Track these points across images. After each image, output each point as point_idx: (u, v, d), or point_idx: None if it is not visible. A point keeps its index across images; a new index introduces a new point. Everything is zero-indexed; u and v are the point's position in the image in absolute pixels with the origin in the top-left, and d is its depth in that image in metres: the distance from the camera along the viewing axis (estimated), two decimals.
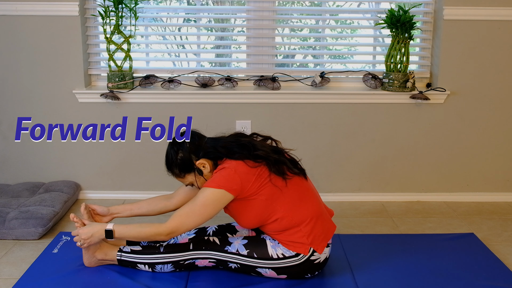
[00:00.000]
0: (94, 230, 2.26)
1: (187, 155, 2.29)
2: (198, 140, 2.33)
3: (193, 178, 2.32)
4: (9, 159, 3.41)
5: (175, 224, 2.19)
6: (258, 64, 3.42)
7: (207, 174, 2.30)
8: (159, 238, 2.22)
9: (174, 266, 2.32)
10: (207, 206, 2.19)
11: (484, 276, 2.38)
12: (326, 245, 2.28)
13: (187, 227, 2.21)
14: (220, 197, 2.19)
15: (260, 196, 2.21)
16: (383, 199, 3.42)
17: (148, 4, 3.51)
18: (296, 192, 2.26)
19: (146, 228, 2.24)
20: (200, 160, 2.28)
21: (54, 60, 3.28)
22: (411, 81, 3.26)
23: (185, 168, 2.30)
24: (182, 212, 2.22)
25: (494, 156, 3.41)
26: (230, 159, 2.24)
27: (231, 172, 2.19)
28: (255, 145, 2.29)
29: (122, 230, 2.25)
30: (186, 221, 2.19)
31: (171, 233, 2.20)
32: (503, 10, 3.21)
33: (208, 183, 2.22)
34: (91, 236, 2.25)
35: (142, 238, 2.27)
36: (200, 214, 2.19)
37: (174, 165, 2.31)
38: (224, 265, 2.31)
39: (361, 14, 3.82)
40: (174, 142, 2.33)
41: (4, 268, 2.50)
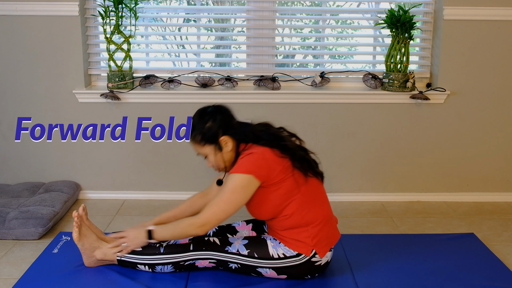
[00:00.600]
0: (138, 233, 2.30)
1: (215, 127, 2.25)
2: (229, 118, 2.30)
3: (211, 152, 2.28)
4: (9, 159, 3.41)
5: (207, 215, 2.18)
6: (258, 64, 3.42)
7: (226, 153, 2.27)
8: (194, 231, 2.20)
9: (174, 267, 2.32)
10: (236, 192, 2.16)
11: (484, 276, 2.38)
12: (329, 250, 2.29)
13: (219, 217, 2.18)
14: (249, 182, 2.16)
15: (280, 189, 2.20)
16: (383, 199, 3.42)
17: (148, 4, 3.51)
18: (311, 193, 2.27)
19: (180, 223, 2.25)
20: (224, 137, 2.25)
21: (54, 60, 3.28)
22: (411, 81, 3.26)
23: (208, 138, 2.26)
24: (212, 202, 2.20)
25: (494, 156, 3.41)
26: (256, 145, 2.23)
27: (260, 157, 2.18)
28: (283, 137, 2.29)
29: (160, 229, 2.28)
30: (216, 210, 2.18)
31: (204, 225, 2.18)
32: (503, 10, 3.21)
33: (235, 168, 2.19)
34: (136, 238, 2.29)
35: (178, 233, 2.25)
36: (230, 202, 2.17)
37: (199, 132, 2.27)
38: (225, 266, 2.31)
39: (361, 14, 3.82)
40: (206, 111, 2.30)
41: (4, 268, 2.50)
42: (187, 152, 3.38)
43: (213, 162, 2.30)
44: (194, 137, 2.29)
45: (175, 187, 3.44)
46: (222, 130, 2.26)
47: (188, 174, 3.42)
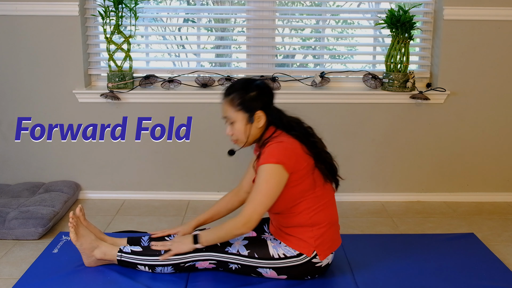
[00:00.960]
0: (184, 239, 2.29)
1: (257, 99, 2.21)
2: (271, 98, 2.28)
3: (242, 120, 2.22)
4: (9, 159, 3.41)
5: (248, 212, 2.15)
6: (258, 64, 3.42)
7: (255, 128, 2.23)
8: (239, 231, 2.16)
9: (174, 268, 2.31)
10: (270, 182, 2.13)
11: (484, 276, 2.38)
12: (330, 253, 2.29)
13: (259, 211, 2.14)
14: (280, 172, 2.13)
15: (298, 185, 2.18)
16: (383, 199, 3.42)
17: (148, 4, 3.52)
18: (324, 196, 2.26)
19: (224, 226, 2.21)
20: (261, 112, 2.21)
21: (54, 60, 3.28)
22: (411, 81, 3.26)
23: (245, 106, 2.21)
24: (250, 199, 2.17)
25: (494, 156, 3.41)
26: (286, 134, 2.21)
27: (289, 148, 2.16)
28: (313, 134, 2.28)
29: (205, 233, 2.26)
30: (255, 205, 2.14)
31: (247, 223, 2.13)
32: (503, 10, 3.21)
33: (265, 158, 2.14)
34: (181, 242, 2.28)
35: (223, 235, 2.21)
36: (267, 194, 2.13)
37: (239, 96, 2.21)
38: (225, 267, 2.30)
39: (361, 14, 3.82)
40: (254, 81, 2.27)
41: (4, 268, 2.50)
42: (187, 152, 3.38)
43: (237, 131, 2.24)
44: (232, 99, 2.23)
45: (175, 187, 3.44)
46: (261, 106, 2.22)
47: (188, 174, 3.42)
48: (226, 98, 2.26)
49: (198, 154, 3.39)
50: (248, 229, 2.15)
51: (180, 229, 2.48)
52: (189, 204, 3.34)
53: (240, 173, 3.39)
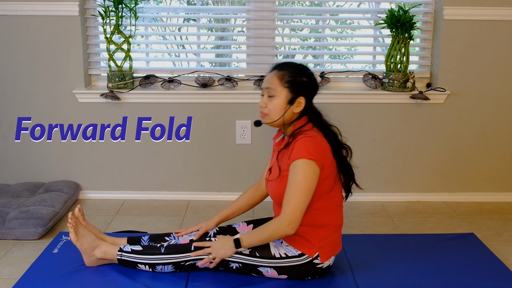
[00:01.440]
0: (225, 244, 2.23)
1: (305, 86, 2.21)
2: (315, 92, 2.28)
3: (283, 98, 2.19)
4: (9, 159, 3.41)
5: (290, 211, 2.11)
6: (258, 64, 3.42)
7: (290, 111, 2.21)
8: (283, 232, 2.13)
9: (174, 267, 2.31)
10: (307, 177, 2.10)
11: (484, 276, 2.38)
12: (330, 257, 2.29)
13: (302, 208, 2.12)
14: (315, 168, 2.13)
15: (319, 185, 2.17)
16: (383, 199, 3.42)
17: (148, 4, 3.52)
18: (336, 200, 2.27)
19: (267, 228, 2.18)
20: (303, 99, 2.21)
21: (54, 60, 3.28)
22: (411, 81, 3.26)
23: (294, 86, 2.20)
24: (289, 196, 2.13)
25: (494, 156, 3.41)
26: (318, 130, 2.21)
27: (321, 145, 2.16)
28: (341, 141, 2.30)
29: (247, 236, 2.21)
30: (297, 203, 2.11)
31: (291, 222, 2.11)
32: (503, 10, 3.21)
33: (300, 153, 2.12)
34: (222, 248, 2.23)
35: (267, 237, 2.18)
36: (306, 189, 2.11)
37: (291, 75, 2.20)
38: (225, 266, 2.30)
39: (361, 14, 3.82)
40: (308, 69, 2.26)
41: (4, 268, 2.50)
42: (187, 152, 3.38)
43: (274, 106, 2.21)
44: (283, 75, 2.21)
45: (175, 187, 3.44)
46: (306, 94, 2.22)
47: (188, 174, 3.42)
48: (276, 71, 2.24)
49: (198, 154, 3.39)
50: (293, 229, 2.13)
51: (203, 225, 2.48)
52: (189, 204, 3.34)
53: (240, 173, 3.40)
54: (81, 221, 2.39)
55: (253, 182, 3.48)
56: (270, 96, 2.24)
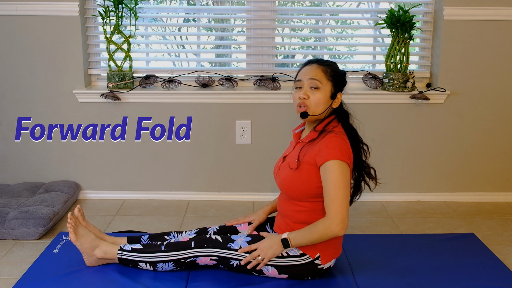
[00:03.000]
0: (273, 243, 2.20)
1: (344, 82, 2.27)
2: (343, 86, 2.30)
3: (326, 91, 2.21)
4: (9, 159, 3.41)
5: (336, 211, 2.09)
6: (258, 64, 3.42)
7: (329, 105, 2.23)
8: (333, 232, 2.11)
9: (175, 264, 2.32)
10: (344, 175, 2.12)
11: (484, 276, 2.38)
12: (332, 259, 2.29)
13: (346, 206, 2.12)
14: (347, 168, 2.15)
15: None
16: (383, 199, 3.42)
17: (148, 4, 3.52)
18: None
19: (315, 228, 2.15)
20: (341, 95, 2.26)
21: (54, 60, 3.28)
22: (411, 81, 3.26)
23: (337, 81, 2.24)
24: (331, 197, 2.11)
25: (494, 156, 3.41)
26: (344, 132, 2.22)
27: (349, 148, 2.18)
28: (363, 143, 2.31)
29: (295, 236, 2.19)
30: (341, 202, 2.10)
31: (341, 222, 2.09)
32: (503, 10, 3.21)
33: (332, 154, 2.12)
34: (270, 247, 2.20)
35: (316, 238, 2.15)
36: (346, 187, 2.12)
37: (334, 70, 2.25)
38: (226, 263, 2.30)
39: (361, 14, 3.83)
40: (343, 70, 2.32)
41: (4, 268, 2.50)
42: (187, 152, 3.38)
43: (317, 98, 2.20)
44: (327, 69, 2.23)
45: (175, 187, 3.44)
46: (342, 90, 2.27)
47: (188, 174, 3.42)
48: (320, 65, 2.25)
49: (198, 154, 3.39)
50: (343, 229, 2.11)
51: (254, 218, 2.48)
52: (189, 204, 3.34)
53: (240, 173, 3.40)
54: (81, 221, 2.40)
55: (253, 182, 3.50)
56: (313, 88, 2.22)
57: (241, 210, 3.25)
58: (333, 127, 2.23)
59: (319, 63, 2.27)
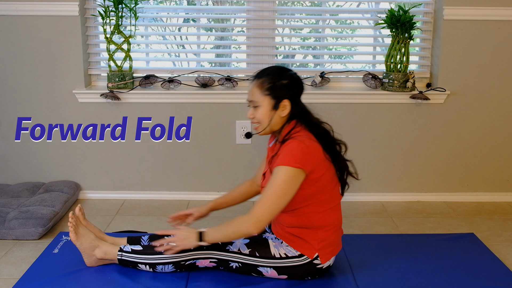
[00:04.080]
0: (188, 234, 2.20)
1: (287, 88, 2.19)
2: (300, 92, 2.26)
3: (266, 105, 2.18)
4: (9, 159, 3.41)
5: (260, 211, 2.09)
6: (258, 64, 3.41)
7: (277, 117, 2.19)
8: (248, 230, 2.10)
9: (175, 266, 2.32)
10: (288, 183, 2.08)
11: (484, 276, 2.38)
12: (330, 258, 2.29)
13: (273, 211, 2.10)
14: (298, 175, 2.10)
15: (310, 187, 2.16)
16: (383, 199, 3.42)
17: (148, 4, 3.52)
18: (333, 200, 2.26)
19: (232, 223, 2.15)
20: (287, 102, 2.19)
21: (54, 60, 3.28)
22: (411, 81, 3.26)
23: (274, 92, 2.18)
24: (264, 197, 2.11)
25: (494, 156, 3.41)
26: (309, 132, 2.19)
27: (310, 151, 2.13)
28: (337, 140, 2.28)
29: (212, 232, 2.19)
30: (269, 204, 2.09)
31: (258, 222, 2.08)
32: (503, 10, 3.21)
33: (285, 159, 2.10)
34: (185, 239, 2.19)
35: (231, 233, 2.15)
36: (283, 194, 2.09)
37: (270, 81, 2.19)
38: (225, 265, 2.30)
39: (361, 14, 3.83)
40: (288, 71, 2.24)
41: (4, 268, 2.50)
42: (187, 152, 3.38)
43: (260, 115, 2.21)
44: (262, 82, 2.20)
45: (175, 187, 3.44)
46: (289, 95, 2.19)
47: (188, 174, 3.42)
48: (256, 81, 2.22)
49: (198, 154, 3.39)
50: (258, 229, 2.10)
51: (195, 210, 2.49)
52: (189, 204, 3.34)
53: (240, 173, 3.40)
54: (82, 221, 2.40)
55: None
56: (255, 107, 2.23)
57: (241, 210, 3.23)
58: (295, 132, 2.19)
59: (257, 77, 2.23)
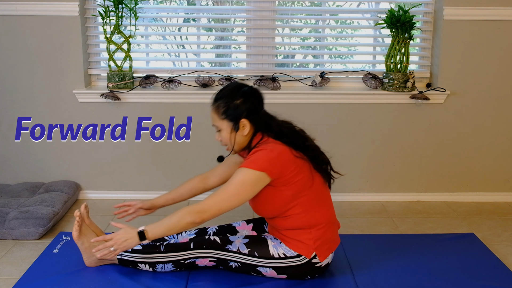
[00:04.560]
0: (128, 235, 2.17)
1: (242, 107, 2.19)
2: (260, 105, 2.25)
3: (227, 128, 2.21)
4: (9, 159, 3.41)
5: (208, 202, 2.11)
6: (258, 64, 3.42)
7: (240, 136, 2.21)
8: (191, 218, 2.10)
9: (174, 265, 2.32)
10: (245, 186, 2.10)
11: (484, 276, 2.38)
12: (329, 254, 2.28)
13: (221, 207, 2.11)
14: (260, 179, 2.11)
15: (289, 189, 2.17)
16: (383, 199, 3.42)
17: (148, 4, 3.52)
18: (320, 195, 2.26)
19: (176, 213, 2.15)
20: (246, 120, 2.19)
21: (54, 60, 3.28)
22: (411, 81, 3.26)
23: (230, 114, 2.19)
24: (218, 191, 2.14)
25: (494, 156, 3.41)
26: (275, 140, 2.19)
27: (275, 156, 2.13)
28: (307, 137, 2.27)
29: (153, 227, 2.17)
30: (220, 200, 2.11)
31: (202, 212, 2.10)
32: (503, 10, 3.21)
33: (249, 163, 2.12)
34: (125, 241, 2.17)
35: (174, 223, 2.13)
36: (237, 195, 2.11)
37: (224, 104, 2.20)
38: (225, 264, 2.31)
39: (361, 14, 3.83)
40: (241, 88, 2.23)
41: (4, 268, 2.50)
42: (187, 152, 3.38)
43: (224, 138, 2.24)
44: (218, 107, 2.22)
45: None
46: (246, 113, 2.19)
47: (188, 174, 3.41)
48: (212, 106, 2.25)
49: (198, 154, 3.39)
50: (201, 219, 2.10)
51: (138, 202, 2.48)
52: (188, 204, 3.33)
53: None
54: (85, 219, 2.40)
55: None
56: (218, 131, 2.26)
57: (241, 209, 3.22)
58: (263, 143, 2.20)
59: (214, 102, 2.26)
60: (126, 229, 2.20)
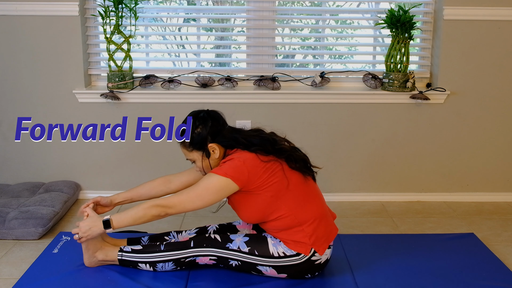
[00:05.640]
0: (92, 223, 2.25)
1: (204, 133, 2.26)
2: (221, 125, 2.31)
3: (199, 157, 2.29)
4: (9, 159, 3.41)
5: (174, 200, 2.21)
6: (258, 64, 3.42)
7: (214, 160, 2.28)
8: (156, 211, 2.19)
9: (175, 264, 2.32)
10: (209, 190, 2.18)
11: (484, 276, 2.38)
12: (328, 247, 2.28)
13: (185, 206, 2.20)
14: (225, 185, 2.17)
15: (266, 192, 2.19)
16: (383, 199, 3.42)
17: (148, 4, 3.52)
18: (303, 192, 2.26)
19: (142, 204, 2.23)
20: (213, 144, 2.26)
21: (54, 60, 3.28)
22: (411, 81, 3.26)
23: (196, 144, 2.27)
24: (184, 191, 2.24)
25: (494, 156, 3.41)
26: (247, 150, 2.22)
27: (240, 163, 2.18)
28: (277, 140, 2.29)
29: (119, 217, 2.23)
30: (185, 199, 2.20)
31: (167, 207, 2.19)
32: (503, 10, 3.21)
33: (215, 170, 2.20)
34: (90, 229, 2.23)
35: (140, 215, 2.21)
36: (201, 197, 2.18)
37: (191, 138, 2.27)
38: (225, 263, 2.31)
39: (361, 14, 3.83)
40: (197, 116, 2.31)
41: (4, 268, 2.50)
42: None
43: (200, 167, 2.32)
44: (183, 142, 2.30)
45: None
46: (211, 137, 2.27)
47: None
48: (180, 143, 2.32)
49: None
50: (165, 213, 2.19)
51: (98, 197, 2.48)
52: None
53: None
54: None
55: None
56: (193, 162, 2.34)
57: None
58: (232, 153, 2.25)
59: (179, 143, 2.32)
60: (93, 217, 2.28)
